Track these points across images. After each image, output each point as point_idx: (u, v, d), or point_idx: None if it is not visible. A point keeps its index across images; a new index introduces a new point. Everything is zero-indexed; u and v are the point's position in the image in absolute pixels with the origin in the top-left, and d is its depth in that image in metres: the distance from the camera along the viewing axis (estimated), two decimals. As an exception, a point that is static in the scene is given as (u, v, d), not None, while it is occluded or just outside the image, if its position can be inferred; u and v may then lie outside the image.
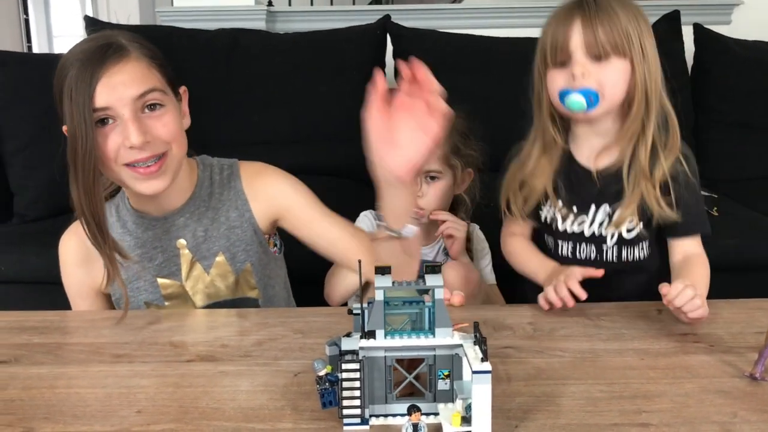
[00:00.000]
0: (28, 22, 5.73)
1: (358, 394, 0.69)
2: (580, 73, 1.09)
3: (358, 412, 0.70)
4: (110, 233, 1.06)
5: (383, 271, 0.72)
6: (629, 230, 1.19)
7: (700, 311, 0.96)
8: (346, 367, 0.69)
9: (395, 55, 2.38)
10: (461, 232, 1.45)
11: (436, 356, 0.71)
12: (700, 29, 2.49)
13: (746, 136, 2.36)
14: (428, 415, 0.70)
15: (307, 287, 1.34)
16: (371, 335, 0.70)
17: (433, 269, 0.72)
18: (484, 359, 0.65)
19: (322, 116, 2.25)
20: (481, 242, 1.60)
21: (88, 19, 2.29)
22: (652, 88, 1.12)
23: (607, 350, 0.90)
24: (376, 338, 0.70)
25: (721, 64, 2.43)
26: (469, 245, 1.58)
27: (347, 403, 0.69)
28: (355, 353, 0.69)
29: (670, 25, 2.39)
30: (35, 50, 5.63)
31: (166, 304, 1.15)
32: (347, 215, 1.23)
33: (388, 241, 0.96)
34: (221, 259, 1.15)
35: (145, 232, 1.14)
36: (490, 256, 1.59)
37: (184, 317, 1.09)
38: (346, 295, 1.38)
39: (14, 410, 0.76)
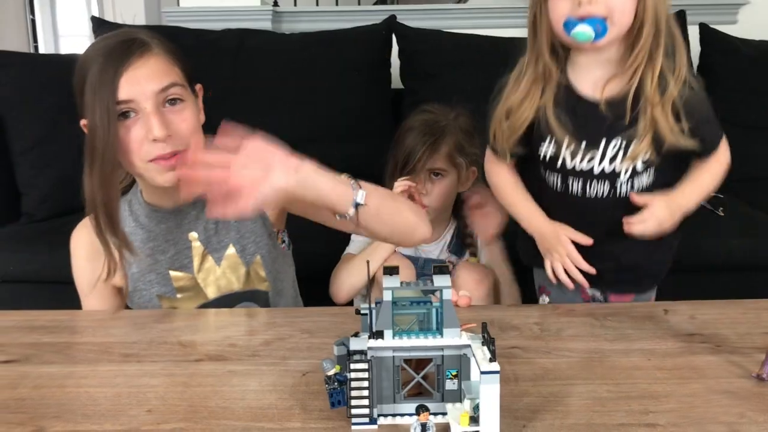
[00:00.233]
0: (34, 22, 5.75)
1: (366, 393, 0.69)
2: None
3: (366, 411, 0.70)
4: (122, 227, 1.09)
5: (391, 271, 0.73)
6: (644, 161, 1.13)
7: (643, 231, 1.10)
8: (354, 366, 0.69)
9: (401, 54, 2.38)
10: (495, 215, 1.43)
11: (444, 356, 0.71)
12: (706, 29, 2.48)
13: (753, 135, 2.35)
14: (436, 414, 0.70)
15: (313, 285, 1.35)
16: (379, 335, 0.70)
17: (441, 270, 0.72)
18: (492, 359, 0.65)
19: (327, 116, 2.26)
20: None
21: (95, 19, 2.29)
22: (661, 11, 1.06)
23: (613, 350, 0.90)
24: (384, 338, 0.70)
25: (727, 63, 2.43)
26: (472, 240, 1.58)
27: (356, 402, 0.70)
28: (363, 353, 0.69)
29: (676, 24, 2.38)
30: (41, 50, 5.64)
31: (178, 296, 1.17)
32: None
33: (361, 220, 1.00)
34: (232, 251, 1.17)
35: (157, 225, 1.16)
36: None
37: (191, 317, 1.10)
38: (352, 292, 1.39)
39: (25, 409, 0.76)
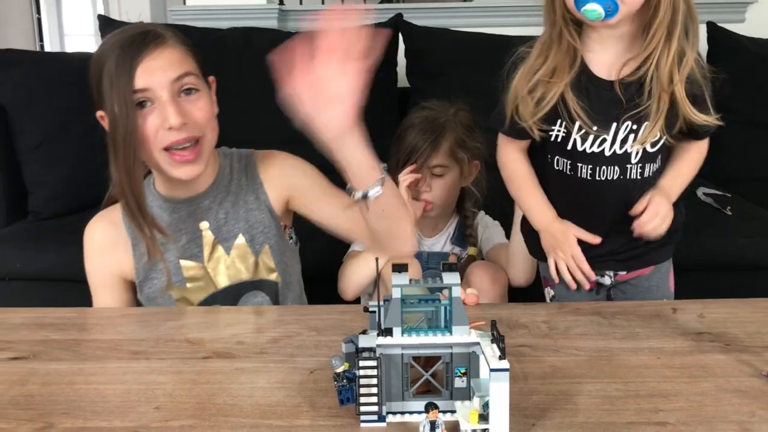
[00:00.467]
0: (40, 21, 5.78)
1: (375, 391, 0.69)
2: None
3: (375, 409, 0.70)
4: (149, 211, 1.12)
5: (400, 268, 0.73)
6: (654, 144, 1.13)
7: (656, 233, 1.13)
8: (363, 364, 0.69)
9: (407, 53, 2.38)
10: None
11: (453, 354, 0.71)
12: (713, 27, 2.47)
13: (760, 134, 2.34)
14: (445, 412, 0.70)
15: (317, 285, 1.35)
16: (388, 333, 0.70)
17: (450, 267, 0.72)
18: (502, 357, 0.65)
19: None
20: (489, 228, 1.59)
21: (101, 17, 2.30)
22: None
23: (622, 349, 0.89)
24: (393, 336, 0.70)
25: (734, 62, 2.41)
26: (472, 231, 1.58)
27: (364, 400, 0.70)
28: (372, 350, 0.69)
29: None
30: (47, 48, 5.66)
31: (188, 285, 1.19)
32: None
33: (364, 208, 1.02)
34: (241, 241, 1.19)
35: (170, 215, 1.18)
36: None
37: (199, 314, 1.11)
38: (359, 288, 1.39)
39: (34, 405, 0.76)
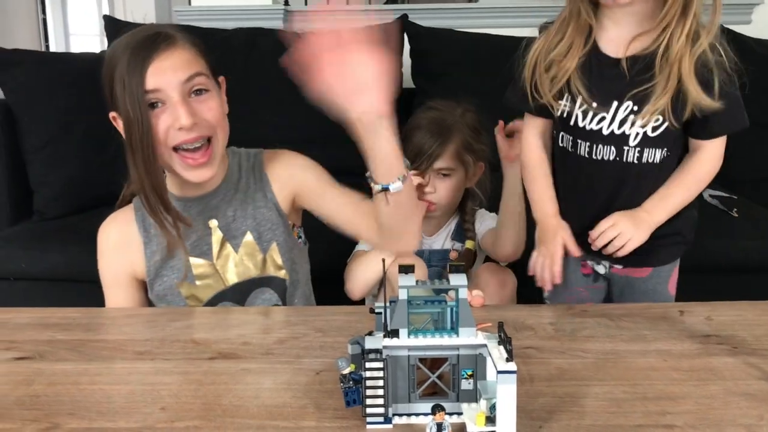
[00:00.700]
0: (45, 21, 5.79)
1: (381, 393, 0.69)
2: None
3: (381, 411, 0.70)
4: (173, 205, 1.14)
5: (406, 270, 0.73)
6: (655, 128, 1.11)
7: (620, 253, 1.13)
8: (369, 365, 0.69)
9: (412, 54, 2.38)
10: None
11: (459, 356, 0.71)
12: (719, 29, 2.46)
13: (767, 136, 2.33)
14: (452, 414, 0.70)
15: (322, 285, 1.35)
16: (394, 334, 0.70)
17: (457, 269, 0.71)
18: (509, 359, 0.65)
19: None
20: (485, 221, 1.58)
21: (107, 18, 2.30)
22: None
23: (629, 351, 0.89)
24: (399, 337, 0.70)
25: (740, 63, 2.40)
26: (471, 227, 1.57)
27: (371, 401, 0.69)
28: (378, 352, 0.69)
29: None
30: (52, 49, 5.67)
31: (197, 283, 1.20)
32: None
33: (380, 199, 1.05)
34: (249, 238, 1.20)
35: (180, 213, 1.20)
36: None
37: (204, 315, 1.10)
38: (366, 288, 1.39)
39: (40, 406, 0.76)
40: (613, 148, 1.14)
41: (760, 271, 1.78)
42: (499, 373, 0.64)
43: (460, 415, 0.70)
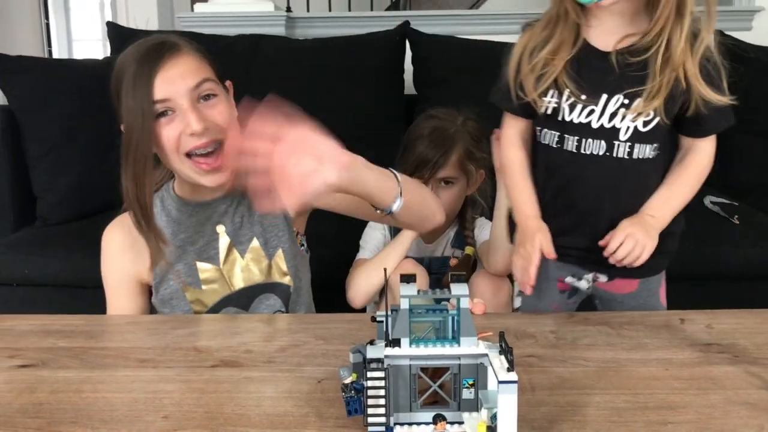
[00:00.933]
0: (48, 26, 5.81)
1: (383, 402, 0.69)
2: None
3: (383, 420, 0.70)
4: (155, 222, 1.15)
5: (408, 279, 0.73)
6: (646, 122, 1.08)
7: (638, 262, 1.09)
8: (371, 375, 0.69)
9: (414, 60, 2.39)
10: None
11: (461, 365, 0.71)
12: (721, 36, 2.47)
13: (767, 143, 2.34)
14: (453, 423, 0.70)
15: (324, 292, 1.35)
16: (396, 343, 0.70)
17: (458, 278, 0.72)
18: (510, 369, 0.65)
19: (340, 122, 2.25)
20: (483, 229, 1.58)
21: (110, 24, 2.31)
22: None
23: (630, 360, 0.89)
24: (401, 346, 0.70)
25: (741, 70, 2.41)
26: (469, 233, 1.58)
27: (372, 411, 0.69)
28: (380, 361, 0.69)
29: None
30: (55, 54, 5.69)
31: (203, 288, 1.21)
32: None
33: (392, 219, 1.05)
34: (256, 244, 1.22)
35: (188, 218, 1.21)
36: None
37: (206, 322, 1.11)
38: (368, 296, 1.39)
39: (42, 414, 0.77)
40: (603, 142, 1.11)
41: (761, 278, 1.78)
42: (500, 382, 0.64)
43: (461, 424, 0.70)
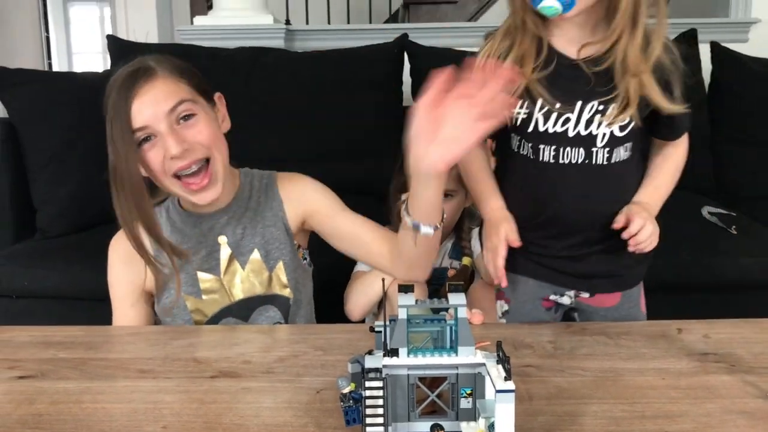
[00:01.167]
0: (48, 39, 5.84)
1: (381, 411, 0.69)
2: None
3: (381, 429, 0.70)
4: (164, 237, 1.17)
5: (406, 289, 0.73)
6: (623, 127, 1.08)
7: (649, 248, 1.09)
8: (369, 385, 0.69)
9: (412, 72, 2.40)
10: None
11: (458, 375, 0.71)
12: (717, 47, 2.49)
13: (765, 153, 2.35)
14: (451, 433, 0.71)
15: (322, 302, 1.36)
16: (394, 353, 0.71)
17: (456, 288, 0.72)
18: (507, 378, 0.65)
19: (340, 134, 2.27)
20: (478, 241, 1.59)
21: (110, 38, 2.33)
22: None
23: (627, 369, 0.90)
24: (399, 356, 0.70)
25: (738, 81, 2.43)
26: (465, 244, 1.58)
27: (370, 420, 0.70)
28: (378, 371, 0.70)
29: (687, 43, 2.40)
30: (55, 66, 5.71)
31: (203, 298, 1.22)
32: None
33: (407, 232, 1.05)
34: (256, 256, 1.23)
35: (192, 229, 1.23)
36: None
37: (205, 333, 1.11)
38: (366, 309, 1.39)
39: (42, 425, 0.77)
40: (581, 150, 1.09)
41: (759, 288, 1.79)
42: (497, 392, 0.64)
43: (459, 433, 0.71)
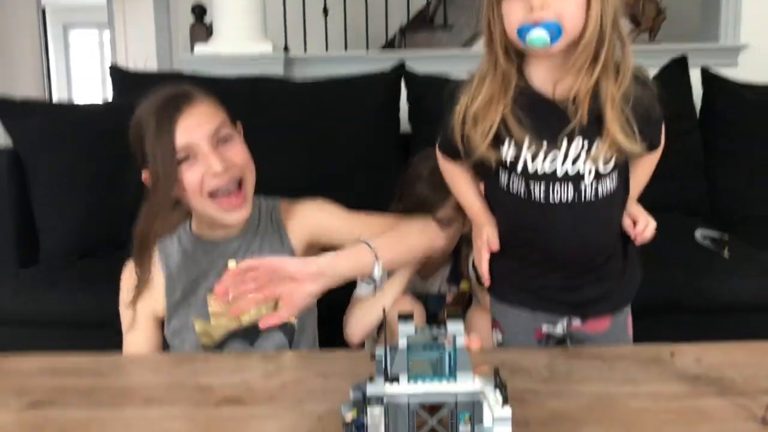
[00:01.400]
0: (49, 66, 5.91)
1: (383, 438, 0.72)
2: (539, 4, 0.99)
3: (383, 455, 0.72)
4: (150, 255, 1.26)
5: (406, 318, 0.76)
6: (606, 162, 1.09)
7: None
8: (371, 412, 0.71)
9: (409, 99, 2.44)
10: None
11: (458, 402, 0.74)
12: (707, 73, 2.54)
13: (756, 177, 2.38)
14: (450, 458, 0.72)
15: (327, 326, 1.38)
16: (395, 380, 0.73)
17: (454, 316, 0.75)
18: (504, 404, 0.67)
19: (337, 160, 2.30)
20: None
21: (113, 68, 2.37)
22: (607, 13, 1.01)
23: (622, 393, 0.91)
24: (399, 383, 0.73)
25: (729, 106, 2.47)
26: (463, 269, 1.60)
27: (372, 446, 0.72)
28: (380, 399, 0.72)
29: (678, 68, 2.44)
30: (55, 94, 5.77)
31: (211, 322, 1.26)
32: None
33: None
34: None
35: (203, 255, 1.28)
36: None
37: (208, 359, 1.13)
38: (365, 334, 1.41)
39: (52, 453, 0.79)
40: (571, 186, 1.10)
41: (750, 310, 1.81)
42: (495, 419, 0.67)
43: (458, 458, 0.73)
